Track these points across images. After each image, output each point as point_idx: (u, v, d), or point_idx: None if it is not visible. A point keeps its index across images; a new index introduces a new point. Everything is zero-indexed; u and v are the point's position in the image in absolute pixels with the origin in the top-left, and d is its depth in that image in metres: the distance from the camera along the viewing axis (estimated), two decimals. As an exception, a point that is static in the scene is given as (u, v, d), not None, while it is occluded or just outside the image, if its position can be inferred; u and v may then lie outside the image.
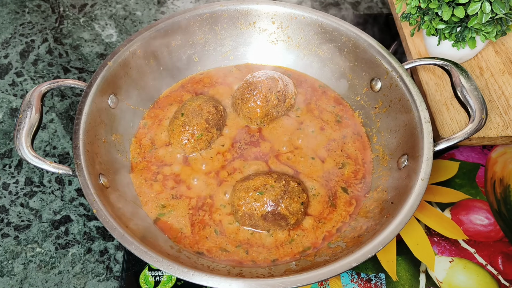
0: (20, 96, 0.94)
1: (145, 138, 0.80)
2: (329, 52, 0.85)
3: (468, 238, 0.76)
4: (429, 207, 0.79)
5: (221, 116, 0.80)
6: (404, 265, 0.73)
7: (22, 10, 1.09)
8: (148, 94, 0.84)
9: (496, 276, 0.72)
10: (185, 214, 0.72)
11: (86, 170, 0.65)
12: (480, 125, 0.68)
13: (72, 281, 0.73)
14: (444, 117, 0.83)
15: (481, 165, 0.84)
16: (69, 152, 0.86)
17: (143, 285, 0.70)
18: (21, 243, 0.76)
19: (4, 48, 1.01)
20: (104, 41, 1.03)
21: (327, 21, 0.83)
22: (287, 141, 0.80)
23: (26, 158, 0.63)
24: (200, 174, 0.76)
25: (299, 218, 0.69)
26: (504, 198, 0.80)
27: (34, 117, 0.66)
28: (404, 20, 0.85)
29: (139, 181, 0.75)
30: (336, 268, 0.58)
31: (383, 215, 0.66)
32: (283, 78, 0.82)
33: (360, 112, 0.84)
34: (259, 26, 0.87)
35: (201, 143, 0.77)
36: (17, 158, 0.85)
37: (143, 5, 1.11)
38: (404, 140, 0.73)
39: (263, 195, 0.67)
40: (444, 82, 0.87)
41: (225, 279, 0.57)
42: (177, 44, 0.84)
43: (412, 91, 0.73)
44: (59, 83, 0.71)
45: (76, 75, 0.97)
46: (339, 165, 0.78)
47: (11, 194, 0.81)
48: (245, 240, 0.70)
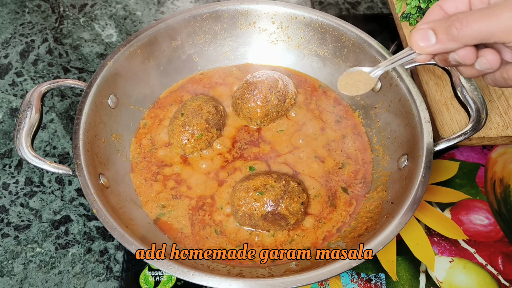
0: (20, 96, 0.94)
1: (145, 138, 0.80)
2: (329, 52, 0.86)
3: (468, 238, 0.76)
4: (429, 207, 0.79)
5: (221, 116, 0.80)
6: (404, 265, 0.73)
7: (22, 10, 1.09)
8: (148, 94, 0.84)
9: (496, 276, 0.72)
10: (185, 214, 0.72)
11: (86, 170, 0.65)
12: (480, 125, 0.68)
13: (72, 281, 0.73)
14: (444, 117, 0.83)
15: (481, 165, 0.84)
16: (69, 152, 0.86)
17: (143, 285, 0.70)
18: (21, 243, 0.76)
19: (4, 48, 1.01)
20: (104, 41, 1.03)
21: (327, 21, 0.83)
22: (287, 141, 0.80)
23: (26, 158, 0.63)
24: (200, 174, 0.76)
25: (299, 218, 0.69)
26: (504, 198, 0.80)
27: (34, 117, 0.66)
28: (404, 20, 0.85)
29: (139, 181, 0.75)
30: (336, 268, 0.58)
31: (383, 215, 0.66)
32: (283, 78, 0.82)
33: (360, 112, 0.84)
34: (259, 26, 0.87)
35: (201, 143, 0.77)
36: (17, 158, 0.85)
37: (143, 5, 1.11)
38: (404, 140, 0.73)
39: (263, 195, 0.67)
40: (444, 82, 0.87)
41: (225, 279, 0.57)
42: (177, 44, 0.84)
43: (412, 91, 0.73)
44: (59, 83, 0.71)
45: (76, 75, 0.97)
46: (339, 165, 0.78)
47: (11, 194, 0.81)
48: (245, 240, 0.70)
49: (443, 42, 0.47)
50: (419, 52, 0.51)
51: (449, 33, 0.46)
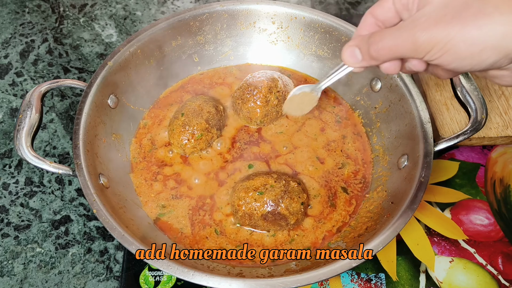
0: (20, 96, 0.94)
1: (145, 138, 0.80)
2: (329, 52, 0.86)
3: (468, 238, 0.76)
4: (429, 207, 0.79)
5: (221, 116, 0.80)
6: (404, 265, 0.73)
7: (22, 10, 1.09)
8: (148, 94, 0.84)
9: (496, 276, 0.72)
10: (185, 214, 0.72)
11: (86, 170, 0.65)
12: (480, 125, 0.68)
13: (72, 281, 0.73)
14: (444, 117, 0.83)
15: (481, 165, 0.84)
16: (69, 152, 0.86)
17: (143, 285, 0.70)
18: (21, 243, 0.76)
19: (4, 48, 1.01)
20: (104, 41, 1.03)
21: (327, 21, 0.83)
22: (287, 141, 0.80)
23: (26, 158, 0.63)
24: (200, 174, 0.76)
25: (299, 218, 0.69)
26: (504, 198, 0.80)
27: (34, 117, 0.66)
28: (404, 20, 0.85)
29: (139, 181, 0.75)
30: (336, 268, 0.58)
31: (383, 215, 0.66)
32: (283, 78, 0.82)
33: (360, 112, 0.84)
34: (259, 26, 0.87)
35: (201, 143, 0.77)
36: (17, 158, 0.85)
37: (143, 5, 1.11)
38: (404, 140, 0.73)
39: (263, 195, 0.67)
40: (444, 82, 0.87)
41: (225, 279, 0.57)
42: (177, 44, 0.84)
43: (412, 91, 0.73)
44: (59, 83, 0.71)
45: (76, 75, 0.97)
46: (339, 165, 0.78)
47: (11, 194, 0.81)
48: (245, 240, 0.70)
49: (367, 60, 0.52)
50: (350, 67, 0.55)
51: (369, 53, 0.50)
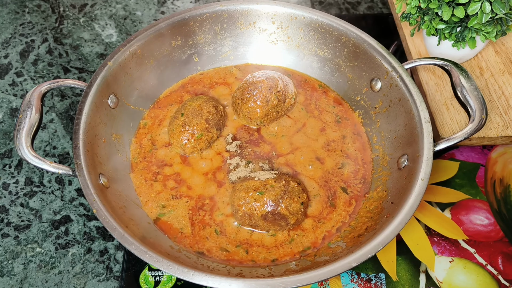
0: (20, 96, 0.94)
1: (145, 138, 0.80)
2: (329, 52, 0.86)
3: (468, 238, 0.76)
4: (429, 207, 0.79)
5: (221, 116, 0.80)
6: (404, 265, 0.73)
7: (22, 10, 1.09)
8: (148, 94, 0.84)
9: (496, 276, 0.72)
10: (185, 214, 0.72)
11: (86, 170, 0.65)
12: (480, 125, 0.68)
13: (72, 281, 0.73)
14: (444, 117, 0.83)
15: (481, 165, 0.84)
16: (69, 152, 0.86)
17: (143, 285, 0.70)
18: (21, 243, 0.76)
19: (4, 48, 1.01)
20: (104, 41, 1.03)
21: (327, 21, 0.83)
22: (287, 141, 0.80)
23: (26, 158, 0.63)
24: (200, 174, 0.76)
25: (299, 218, 0.69)
26: (504, 198, 0.80)
27: (34, 117, 0.66)
28: (404, 20, 0.85)
29: (139, 181, 0.75)
30: (336, 268, 0.58)
31: (383, 215, 0.66)
32: (283, 78, 0.82)
33: (360, 112, 0.84)
34: (259, 26, 0.87)
35: (201, 143, 0.77)
36: (17, 158, 0.85)
37: (143, 5, 1.11)
38: (404, 140, 0.73)
39: (263, 195, 0.67)
40: (444, 82, 0.87)
41: (225, 279, 0.57)
42: (177, 44, 0.84)
43: (412, 91, 0.73)
44: (59, 83, 0.71)
45: (76, 75, 0.97)
46: (338, 165, 0.78)
47: (11, 194, 0.81)
48: (245, 240, 0.70)
49: None
50: None
51: None
